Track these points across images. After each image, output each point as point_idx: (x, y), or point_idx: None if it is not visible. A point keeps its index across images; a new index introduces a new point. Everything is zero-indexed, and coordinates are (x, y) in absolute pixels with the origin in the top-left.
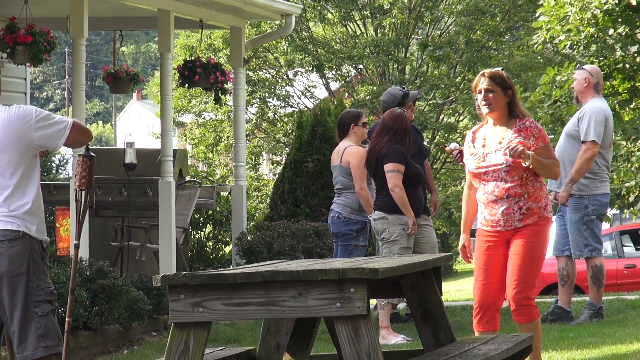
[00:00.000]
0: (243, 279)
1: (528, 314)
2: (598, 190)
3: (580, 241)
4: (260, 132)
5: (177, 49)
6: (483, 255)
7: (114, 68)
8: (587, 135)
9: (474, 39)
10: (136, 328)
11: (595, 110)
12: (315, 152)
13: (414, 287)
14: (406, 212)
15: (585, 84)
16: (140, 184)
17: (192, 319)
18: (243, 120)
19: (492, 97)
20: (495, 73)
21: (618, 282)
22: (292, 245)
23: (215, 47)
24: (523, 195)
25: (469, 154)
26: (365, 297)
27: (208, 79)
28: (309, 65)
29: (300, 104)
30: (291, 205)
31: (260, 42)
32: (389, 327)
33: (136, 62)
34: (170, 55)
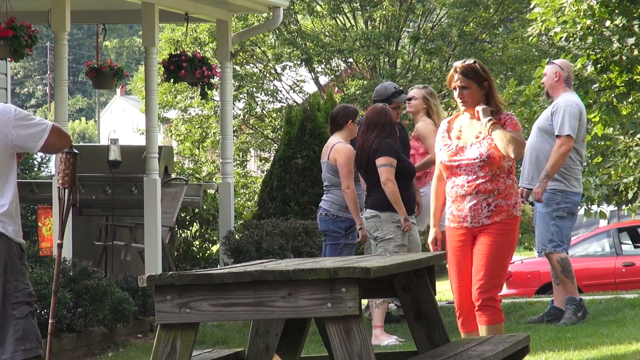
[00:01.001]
0: (231, 279)
1: (491, 316)
2: (572, 189)
3: (545, 236)
4: (248, 127)
5: (162, 43)
6: (454, 256)
7: (97, 63)
8: (561, 129)
9: (467, 32)
10: (121, 330)
11: (569, 103)
12: (304, 148)
13: (407, 287)
14: (398, 208)
15: (556, 78)
16: (125, 182)
17: (179, 320)
18: (230, 116)
19: (467, 93)
20: (467, 68)
21: (616, 281)
22: (281, 244)
23: (201, 40)
24: (493, 192)
25: (442, 144)
26: (357, 297)
27: (194, 73)
28: (297, 59)
29: (289, 98)
30: (280, 203)
31: (247, 36)
32: (382, 327)
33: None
34: (154, 49)
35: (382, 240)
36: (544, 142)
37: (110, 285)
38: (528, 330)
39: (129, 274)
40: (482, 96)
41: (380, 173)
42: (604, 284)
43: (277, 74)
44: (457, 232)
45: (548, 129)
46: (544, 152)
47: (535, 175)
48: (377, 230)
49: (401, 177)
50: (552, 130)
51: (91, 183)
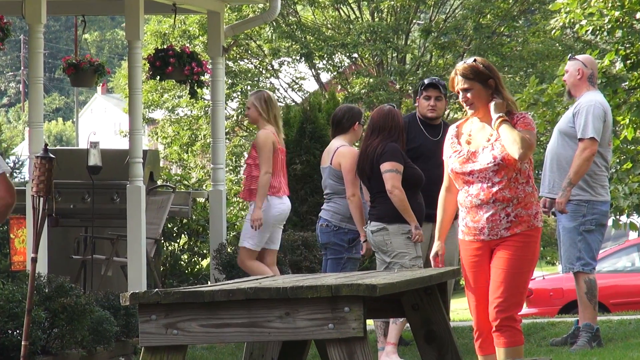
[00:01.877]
0: (223, 296)
1: (510, 337)
2: (598, 197)
3: (572, 253)
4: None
5: (147, 36)
6: (470, 272)
7: (75, 58)
8: (584, 132)
9: (483, 24)
10: (102, 353)
11: (592, 104)
12: (304, 152)
13: (417, 306)
14: (407, 217)
15: (579, 76)
16: (106, 189)
17: (165, 342)
18: (222, 117)
19: (471, 95)
20: (467, 68)
21: None
22: (279, 258)
23: (190, 34)
24: (512, 201)
25: (452, 151)
26: (361, 317)
27: (182, 70)
28: (296, 54)
29: (287, 98)
30: None
31: (241, 29)
32: (396, 345)
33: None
34: (139, 43)
35: (394, 256)
36: (566, 146)
37: (89, 304)
38: (550, 353)
39: (110, 291)
40: (489, 96)
41: (385, 180)
42: (634, 303)
43: (274, 71)
44: (473, 245)
45: (570, 132)
46: (566, 157)
47: (556, 183)
48: (387, 245)
49: (409, 185)
50: (574, 133)
51: (69, 191)
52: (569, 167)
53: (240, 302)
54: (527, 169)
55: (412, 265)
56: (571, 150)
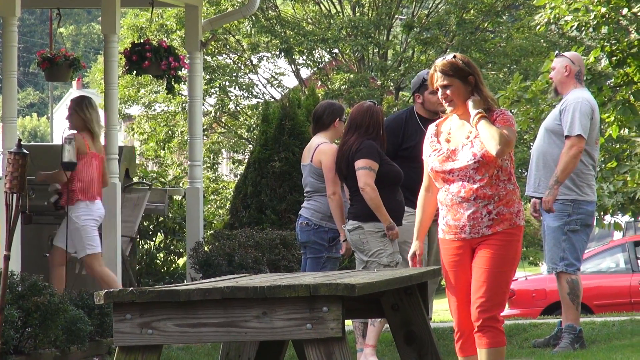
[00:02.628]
0: (199, 296)
1: (492, 338)
2: (584, 197)
3: (556, 253)
4: (220, 126)
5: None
6: (451, 272)
7: (50, 52)
8: (571, 129)
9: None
10: (75, 352)
11: (579, 100)
12: (282, 149)
13: (397, 306)
14: (380, 215)
15: (567, 73)
16: None
17: (140, 342)
18: (200, 113)
19: (451, 92)
20: (446, 64)
21: (632, 301)
22: (256, 257)
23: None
24: (493, 198)
25: (431, 150)
26: (340, 317)
27: (159, 64)
28: (276, 49)
29: (266, 94)
30: (255, 211)
31: (220, 23)
32: (375, 347)
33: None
34: (115, 37)
35: (371, 254)
36: (552, 144)
37: (63, 303)
38: (532, 355)
39: (84, 290)
40: (468, 92)
41: (358, 177)
42: (617, 304)
43: (253, 66)
44: (454, 244)
45: (556, 129)
46: (552, 155)
47: (542, 181)
48: (363, 244)
49: (385, 183)
50: (561, 131)
51: (43, 187)
52: (555, 165)
53: (217, 301)
54: (508, 166)
55: (389, 262)
56: (557, 148)
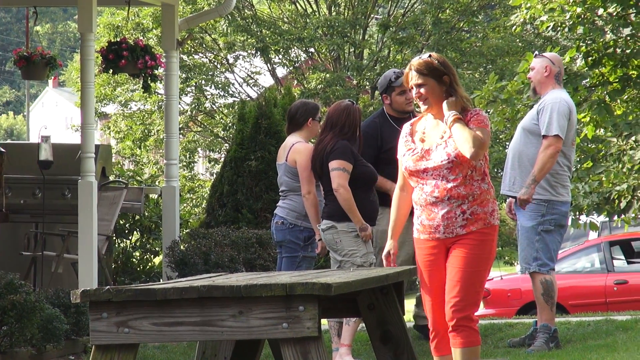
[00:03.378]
0: (175, 294)
1: (467, 337)
2: (559, 197)
3: (529, 253)
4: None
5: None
6: (426, 271)
7: (26, 50)
8: (549, 129)
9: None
10: (51, 351)
11: (557, 101)
12: (259, 148)
13: (373, 306)
14: (352, 217)
15: (546, 74)
16: (57, 185)
17: (117, 341)
18: (176, 112)
19: (425, 91)
20: (421, 63)
21: (607, 301)
22: (232, 256)
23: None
24: (467, 198)
25: (406, 149)
26: (316, 317)
27: (136, 63)
28: (252, 48)
29: (242, 93)
30: (231, 210)
31: (196, 22)
32: (350, 346)
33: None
34: (92, 35)
35: (345, 254)
36: (528, 143)
37: (39, 301)
38: (507, 354)
39: (60, 288)
40: (443, 92)
41: (332, 178)
42: (593, 304)
43: (229, 65)
44: (428, 244)
45: (533, 129)
46: (528, 154)
47: (517, 181)
48: (337, 243)
49: (359, 184)
50: (538, 131)
51: (19, 185)
52: (530, 165)
53: (193, 300)
54: (483, 166)
55: (363, 262)
56: (534, 147)
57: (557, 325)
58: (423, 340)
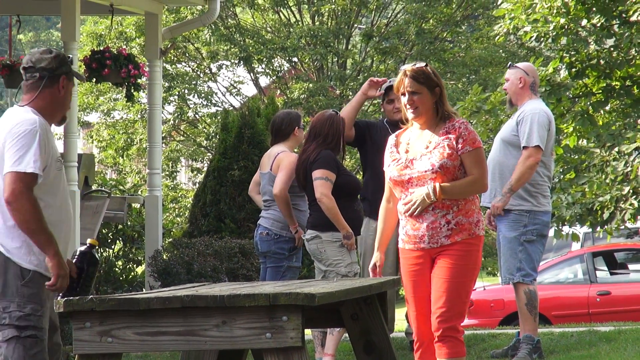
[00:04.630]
0: (158, 304)
1: (452, 348)
2: (540, 207)
3: (512, 263)
4: (179, 134)
5: (84, 37)
6: (410, 282)
7: (9, 59)
8: (529, 139)
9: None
10: None
11: (537, 112)
12: (242, 158)
13: (356, 316)
14: (338, 225)
15: (521, 85)
16: None
17: (100, 350)
18: (159, 121)
19: (417, 99)
20: (418, 71)
21: (590, 312)
22: (215, 265)
23: (127, 35)
24: (452, 208)
25: (390, 160)
26: (299, 327)
27: (119, 72)
28: (235, 57)
29: (225, 102)
30: (214, 220)
31: (179, 31)
32: (333, 355)
33: None
34: (75, 44)
35: (329, 264)
36: (508, 155)
37: None
38: None
39: None
40: (432, 103)
41: (315, 187)
42: (576, 315)
43: (212, 74)
44: (413, 254)
45: (513, 141)
46: (508, 166)
47: (498, 192)
48: (321, 253)
49: (343, 194)
50: (517, 142)
51: None
52: (510, 176)
53: (177, 310)
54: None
55: (347, 272)
56: (514, 159)
57: (540, 336)
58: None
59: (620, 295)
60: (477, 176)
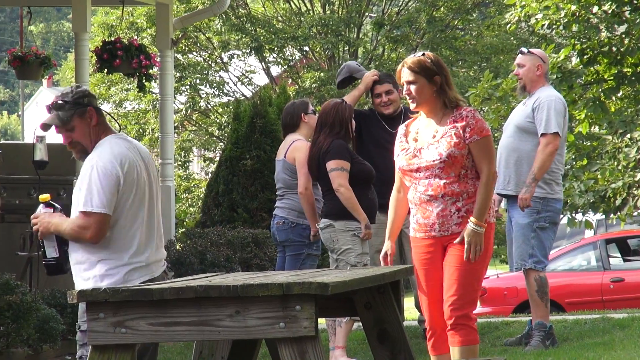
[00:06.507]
0: (172, 294)
1: (465, 336)
2: (554, 195)
3: (525, 250)
4: (191, 124)
5: (95, 28)
6: (422, 270)
7: (21, 50)
8: (547, 126)
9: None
10: (48, 351)
11: (552, 99)
12: (254, 147)
13: (370, 305)
14: (357, 215)
15: (538, 72)
16: (53, 185)
17: (113, 341)
18: (171, 111)
19: (414, 89)
20: (414, 61)
21: (603, 299)
22: (228, 255)
23: (138, 26)
24: (461, 195)
25: (400, 149)
26: (313, 316)
27: (130, 63)
28: (246, 47)
29: (237, 92)
30: (227, 210)
31: (190, 21)
32: (344, 348)
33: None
34: (86, 35)
35: (340, 252)
36: (524, 141)
37: (35, 301)
38: (504, 353)
39: (56, 289)
40: (432, 92)
41: (331, 179)
42: (589, 302)
43: (223, 64)
44: (424, 242)
45: (527, 127)
46: (524, 152)
47: (512, 179)
48: (333, 242)
49: (357, 182)
50: (532, 128)
51: (14, 186)
52: (526, 164)
53: (190, 300)
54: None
55: (357, 262)
56: (528, 145)
57: (554, 323)
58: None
59: (634, 282)
60: (487, 171)
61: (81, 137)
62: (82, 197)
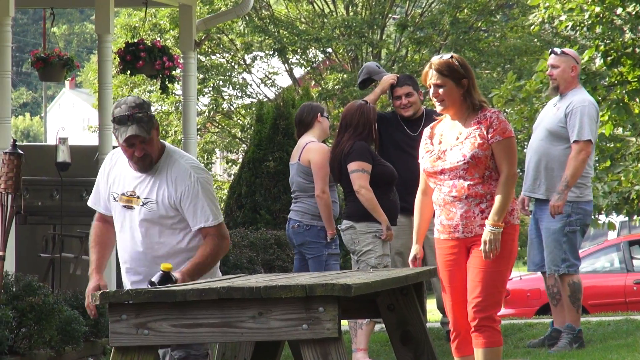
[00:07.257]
0: (195, 296)
1: (489, 337)
2: (583, 197)
3: (558, 255)
4: (214, 126)
5: (118, 29)
6: (446, 271)
7: (44, 52)
8: (580, 134)
9: (460, 19)
10: (70, 353)
11: (586, 104)
12: (277, 149)
13: (392, 306)
14: (377, 216)
15: (573, 74)
16: (75, 187)
17: (136, 343)
18: (194, 113)
19: (443, 92)
20: (442, 64)
21: (627, 301)
22: (251, 257)
23: (161, 27)
24: (485, 196)
25: (425, 151)
26: (336, 318)
27: (153, 64)
28: (269, 48)
29: (260, 93)
30: (249, 211)
31: (213, 22)
32: (366, 350)
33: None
34: (109, 37)
35: (361, 254)
36: (555, 146)
37: (58, 303)
38: (527, 355)
39: (79, 290)
40: (460, 95)
41: (352, 180)
42: (612, 304)
43: (246, 66)
44: (448, 244)
45: (559, 132)
46: (555, 157)
47: (542, 183)
48: (355, 244)
49: (379, 183)
50: (564, 134)
51: (37, 187)
52: (557, 168)
53: (213, 301)
54: None
55: (377, 264)
56: (560, 150)
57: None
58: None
59: None
60: (507, 172)
61: (154, 149)
62: (208, 212)
